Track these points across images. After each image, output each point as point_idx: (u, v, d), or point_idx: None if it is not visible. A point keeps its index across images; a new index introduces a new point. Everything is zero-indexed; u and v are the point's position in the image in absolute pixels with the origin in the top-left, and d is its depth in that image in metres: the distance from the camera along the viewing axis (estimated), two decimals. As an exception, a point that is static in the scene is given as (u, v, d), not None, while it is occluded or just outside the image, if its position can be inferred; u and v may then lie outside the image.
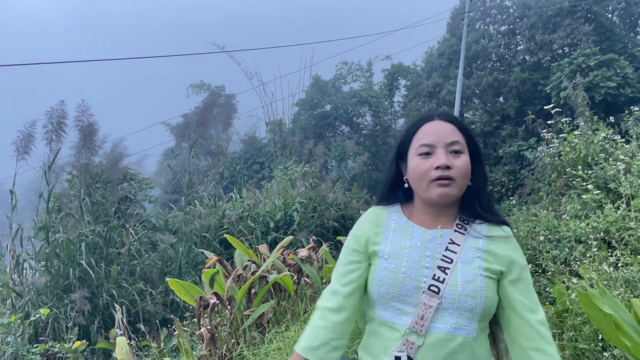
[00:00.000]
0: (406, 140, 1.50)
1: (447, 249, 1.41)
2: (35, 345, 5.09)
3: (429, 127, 1.47)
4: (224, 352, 4.24)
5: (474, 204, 1.48)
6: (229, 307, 4.50)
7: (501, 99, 22.92)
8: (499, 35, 24.15)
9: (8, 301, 7.06)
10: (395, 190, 1.56)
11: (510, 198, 18.17)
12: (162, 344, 5.42)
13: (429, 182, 1.41)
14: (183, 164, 12.50)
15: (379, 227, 1.51)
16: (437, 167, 1.40)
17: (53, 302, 6.84)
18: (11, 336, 5.37)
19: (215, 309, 4.49)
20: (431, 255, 1.41)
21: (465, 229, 1.46)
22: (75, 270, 7.23)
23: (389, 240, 1.48)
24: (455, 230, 1.45)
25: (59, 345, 4.84)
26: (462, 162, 1.42)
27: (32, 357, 4.83)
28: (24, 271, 7.65)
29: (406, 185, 1.52)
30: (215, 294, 4.47)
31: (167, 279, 4.89)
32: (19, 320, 5.52)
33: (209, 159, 18.09)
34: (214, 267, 4.96)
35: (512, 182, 21.18)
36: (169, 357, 4.98)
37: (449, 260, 1.39)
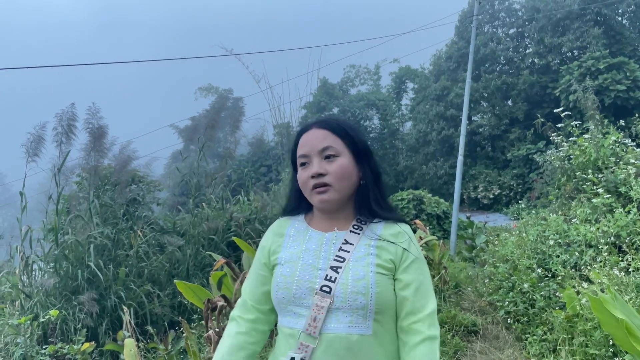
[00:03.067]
0: (294, 153, 1.53)
1: (340, 248, 1.41)
2: (44, 347, 5.12)
3: (304, 137, 1.48)
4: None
5: (368, 202, 1.48)
6: (236, 309, 4.50)
7: (510, 102, 22.82)
8: (508, 38, 24.07)
9: (17, 302, 7.11)
10: (300, 200, 1.56)
11: (519, 202, 18.08)
12: (169, 346, 5.43)
13: (310, 191, 1.44)
14: (191, 166, 12.54)
15: (280, 236, 1.54)
16: (312, 176, 1.42)
17: (62, 303, 6.88)
18: (21, 337, 5.40)
19: (223, 311, 4.49)
20: (325, 256, 1.42)
21: (362, 229, 1.46)
22: (84, 272, 7.26)
23: (287, 247, 1.50)
24: (350, 231, 1.45)
25: (68, 347, 4.86)
26: (336, 166, 1.42)
27: (42, 358, 4.86)
28: (33, 273, 7.70)
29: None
30: (223, 296, 4.46)
31: (175, 281, 4.90)
32: (28, 322, 5.55)
33: (216, 162, 18.14)
34: (222, 270, 4.96)
35: (520, 186, 21.08)
36: (177, 359, 4.98)
37: (341, 259, 1.39)
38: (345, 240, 1.43)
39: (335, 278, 1.36)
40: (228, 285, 4.87)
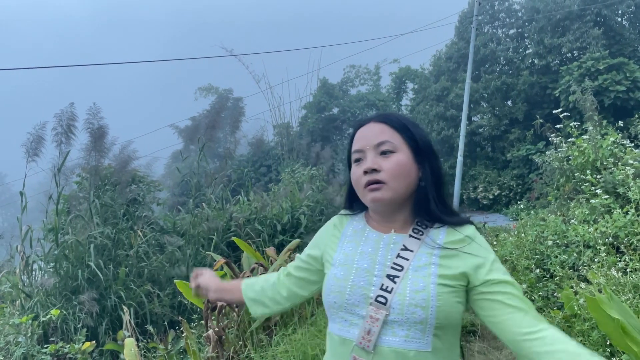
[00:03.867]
0: (349, 150, 1.43)
1: (398, 255, 1.31)
2: (45, 346, 5.14)
3: (360, 132, 1.39)
4: (231, 354, 4.25)
5: (428, 206, 1.35)
6: (236, 309, 4.52)
7: (509, 102, 22.84)
8: (508, 39, 24.10)
9: (17, 302, 7.13)
10: (354, 199, 1.46)
11: (519, 202, 18.10)
12: (169, 346, 5.45)
13: (362, 188, 1.34)
14: (191, 166, 12.56)
15: (337, 232, 1.47)
16: (365, 172, 1.32)
17: (62, 303, 6.90)
18: (21, 337, 5.43)
19: (223, 311, 4.52)
20: (381, 261, 1.32)
21: (422, 234, 1.34)
22: (84, 271, 7.29)
23: (343, 247, 1.42)
24: (410, 236, 1.34)
25: (69, 346, 4.88)
26: (392, 162, 1.31)
27: (43, 357, 4.88)
28: (34, 272, 7.72)
29: None
30: (223, 296, 4.49)
31: (175, 281, 4.92)
32: (29, 321, 5.57)
33: (216, 162, 18.16)
34: (222, 270, 4.98)
35: (520, 186, 21.11)
36: (177, 358, 5.00)
37: (399, 268, 1.28)
38: (404, 246, 1.33)
39: (392, 288, 1.26)
40: (228, 285, 4.89)
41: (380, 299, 1.26)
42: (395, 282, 1.26)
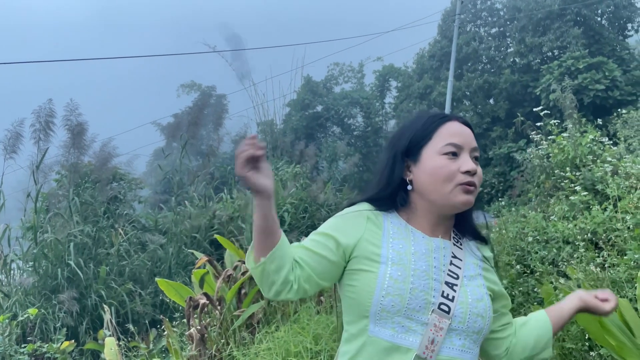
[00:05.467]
0: (424, 137, 1.30)
1: (451, 262, 1.27)
2: (23, 346, 5.05)
3: (453, 126, 1.31)
4: (213, 352, 4.23)
5: (468, 218, 1.38)
6: (219, 307, 4.49)
7: (491, 100, 23.08)
8: (490, 38, 24.33)
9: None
10: (395, 193, 1.33)
11: (500, 199, 18.30)
12: (151, 345, 5.40)
13: (455, 185, 1.25)
14: (173, 164, 12.45)
15: (374, 228, 1.29)
16: (466, 172, 1.25)
17: (41, 302, 6.79)
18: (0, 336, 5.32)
19: (205, 309, 4.48)
20: (437, 266, 1.25)
21: (462, 244, 1.35)
22: (64, 270, 7.18)
23: (390, 244, 1.27)
24: (454, 244, 1.32)
25: (47, 345, 4.80)
26: (480, 170, 1.31)
27: (20, 357, 4.79)
28: (12, 272, 7.59)
29: (410, 187, 1.32)
30: (205, 294, 4.46)
31: (156, 279, 4.88)
32: (6, 321, 5.47)
33: (199, 159, 18.03)
34: (204, 268, 4.95)
35: (502, 184, 21.33)
36: (159, 357, 4.96)
37: (455, 276, 1.25)
38: (453, 253, 1.30)
39: (453, 296, 1.22)
40: (210, 283, 4.86)
41: (443, 306, 1.20)
42: (454, 290, 1.23)
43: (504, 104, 21.97)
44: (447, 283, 1.23)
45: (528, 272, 4.96)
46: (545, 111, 7.49)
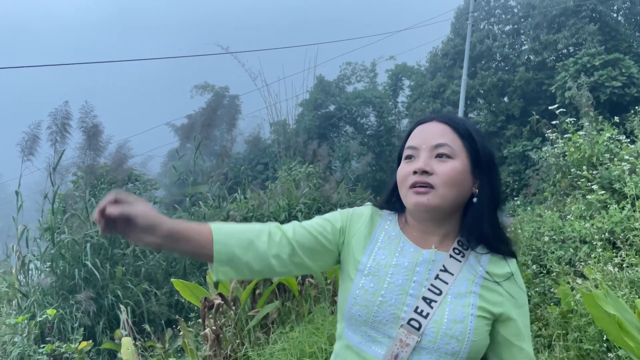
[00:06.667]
0: (403, 144, 1.30)
1: (437, 277, 1.19)
2: (42, 346, 5.13)
3: (419, 129, 1.27)
4: (228, 352, 4.25)
5: (480, 226, 1.23)
6: (233, 307, 4.52)
7: (506, 99, 22.88)
8: (504, 35, 24.12)
9: (14, 302, 7.11)
10: (395, 198, 1.32)
11: (515, 198, 18.14)
12: (167, 345, 5.45)
13: (407, 188, 1.21)
14: (187, 164, 12.54)
15: (369, 232, 1.30)
16: (415, 172, 1.19)
17: (59, 302, 6.88)
18: (18, 336, 5.41)
19: (220, 309, 4.51)
20: (418, 281, 1.19)
21: (464, 255, 1.23)
22: (81, 270, 7.27)
23: (373, 253, 1.26)
24: (450, 256, 1.22)
25: (65, 345, 4.87)
26: (447, 167, 1.18)
27: (39, 357, 4.87)
28: (30, 272, 7.70)
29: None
30: (220, 294, 4.49)
31: (172, 280, 4.91)
32: (25, 321, 5.55)
33: (213, 160, 18.13)
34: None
35: (517, 183, 21.13)
36: (174, 357, 5.00)
37: (438, 292, 1.18)
38: (443, 267, 1.21)
39: (428, 313, 1.16)
40: (225, 283, 4.88)
41: (413, 322, 1.16)
42: (431, 307, 1.16)
43: (518, 102, 21.76)
44: (424, 298, 1.17)
45: (544, 272, 4.91)
46: (561, 109, 7.41)
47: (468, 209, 1.25)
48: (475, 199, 1.24)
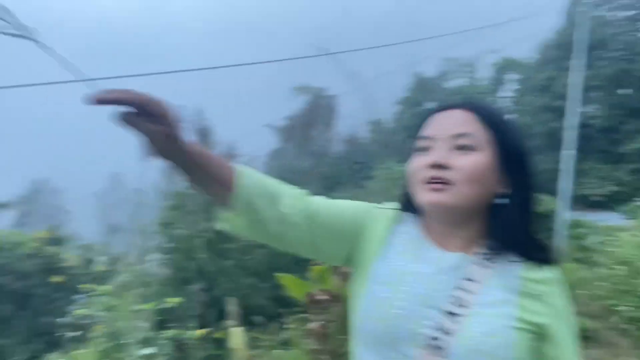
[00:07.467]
0: (417, 135, 1.14)
1: (463, 286, 1.01)
2: (162, 332, 5.56)
3: (436, 117, 1.10)
4: (334, 347, 4.34)
5: (512, 230, 1.04)
6: (338, 303, 4.60)
7: (625, 90, 21.02)
8: (622, 22, 22.15)
9: (137, 291, 7.79)
10: (409, 198, 1.14)
11: (635, 199, 16.60)
12: (274, 337, 5.67)
13: (420, 184, 1.04)
14: (288, 164, 12.96)
15: (388, 235, 1.13)
16: (431, 166, 1.02)
17: (175, 292, 7.43)
18: (142, 322, 5.92)
19: (325, 305, 4.61)
20: (441, 290, 1.01)
21: (494, 262, 1.04)
22: (193, 263, 7.80)
23: (389, 258, 1.09)
24: (478, 262, 1.04)
25: (189, 332, 5.26)
26: (469, 161, 1.00)
27: (162, 342, 5.29)
28: (148, 264, 8.40)
29: None
30: (325, 290, 4.58)
31: (277, 274, 5.10)
32: (150, 308, 6.06)
33: (312, 159, 18.55)
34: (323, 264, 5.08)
35: (637, 182, 19.32)
36: (281, 349, 5.19)
37: (465, 304, 0.99)
38: (470, 274, 1.03)
39: (454, 330, 0.97)
40: (329, 279, 4.99)
41: (435, 341, 0.97)
42: (458, 322, 0.97)
43: (639, 94, 19.91)
44: (448, 312, 0.98)
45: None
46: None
47: (494, 210, 1.06)
48: (502, 200, 1.05)
